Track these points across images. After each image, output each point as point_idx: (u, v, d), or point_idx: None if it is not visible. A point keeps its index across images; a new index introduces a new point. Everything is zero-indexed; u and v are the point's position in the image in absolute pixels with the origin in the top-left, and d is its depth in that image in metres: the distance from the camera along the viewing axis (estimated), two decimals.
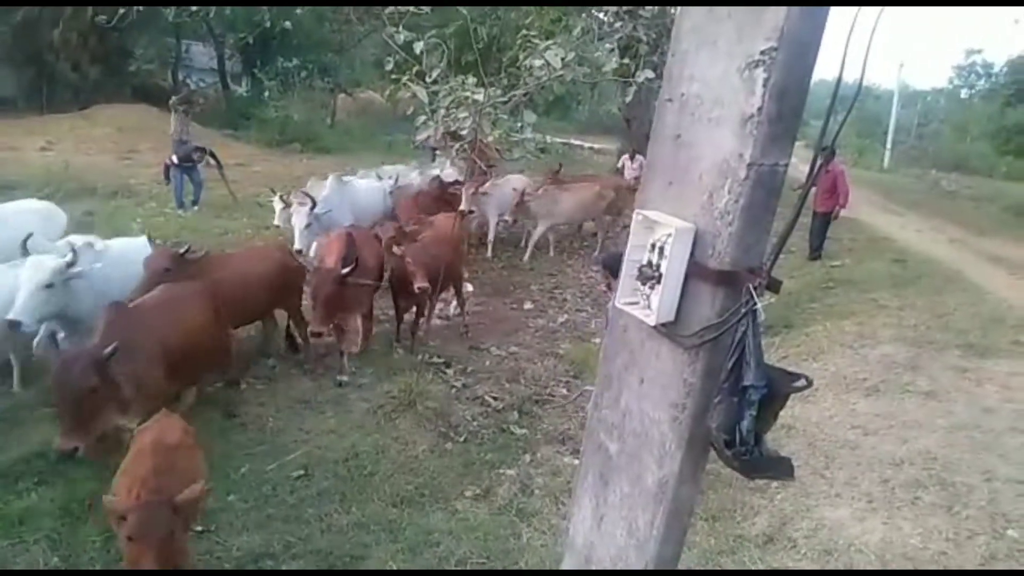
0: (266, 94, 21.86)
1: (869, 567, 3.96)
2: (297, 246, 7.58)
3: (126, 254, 5.75)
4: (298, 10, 10.97)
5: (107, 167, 14.23)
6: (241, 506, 4.46)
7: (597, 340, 6.84)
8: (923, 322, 7.59)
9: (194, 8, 10.32)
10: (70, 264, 4.77)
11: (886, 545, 4.10)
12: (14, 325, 4.51)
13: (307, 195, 8.00)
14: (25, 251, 5.29)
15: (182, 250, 5.67)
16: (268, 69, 22.52)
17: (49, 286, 4.65)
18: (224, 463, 4.78)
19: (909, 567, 3.95)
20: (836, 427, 5.55)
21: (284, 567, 3.96)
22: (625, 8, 10.08)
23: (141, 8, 9.93)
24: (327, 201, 8.34)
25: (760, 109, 1.40)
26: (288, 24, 11.64)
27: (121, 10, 9.99)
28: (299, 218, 7.85)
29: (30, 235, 5.45)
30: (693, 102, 1.54)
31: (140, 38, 21.68)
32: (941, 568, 3.92)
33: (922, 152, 31.79)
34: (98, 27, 15.30)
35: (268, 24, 11.29)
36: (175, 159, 11.87)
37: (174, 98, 13.84)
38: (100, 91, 19.87)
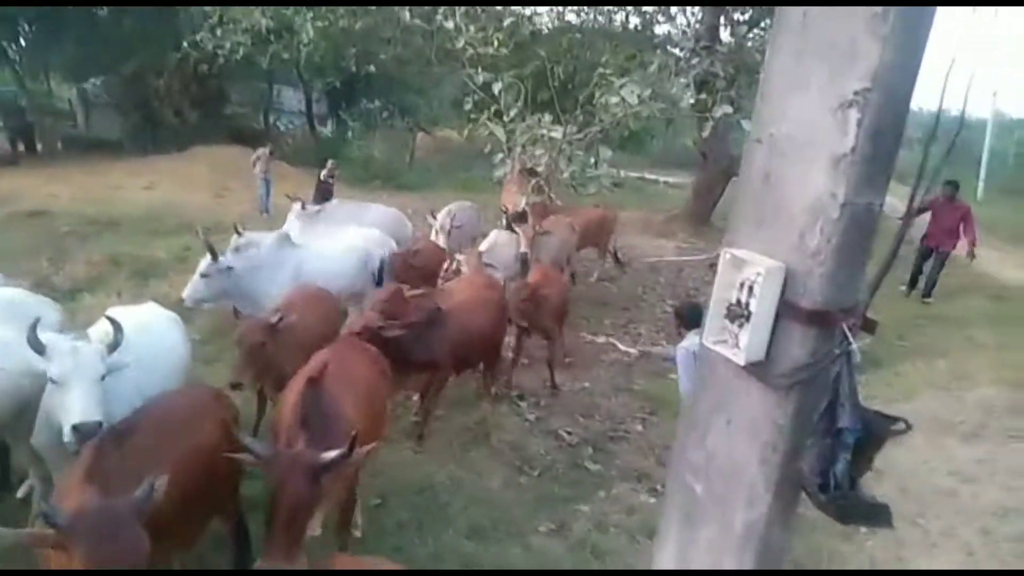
0: (350, 134, 22.79)
1: None
2: (184, 294, 6.19)
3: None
4: (381, 55, 11.45)
5: (203, 204, 15.10)
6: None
7: (673, 376, 6.73)
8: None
9: (286, 56, 10.99)
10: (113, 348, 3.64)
11: None
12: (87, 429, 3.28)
13: (208, 246, 6.15)
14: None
15: (275, 319, 4.82)
16: (352, 110, 23.52)
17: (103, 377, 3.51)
18: None
19: None
20: (930, 473, 5.25)
21: None
22: (701, 44, 10.09)
23: (238, 57, 10.66)
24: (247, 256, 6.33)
25: (854, 149, 1.40)
26: (372, 68, 12.21)
27: (220, 58, 10.73)
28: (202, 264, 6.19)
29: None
30: (783, 142, 1.54)
31: (235, 84, 23.07)
32: None
33: (1019, 182, 30.04)
34: (199, 74, 16.49)
35: (353, 68, 11.89)
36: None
37: (259, 151, 15.03)
38: (198, 133, 21.17)
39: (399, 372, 5.25)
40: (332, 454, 3.07)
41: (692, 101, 8.31)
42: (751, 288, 1.57)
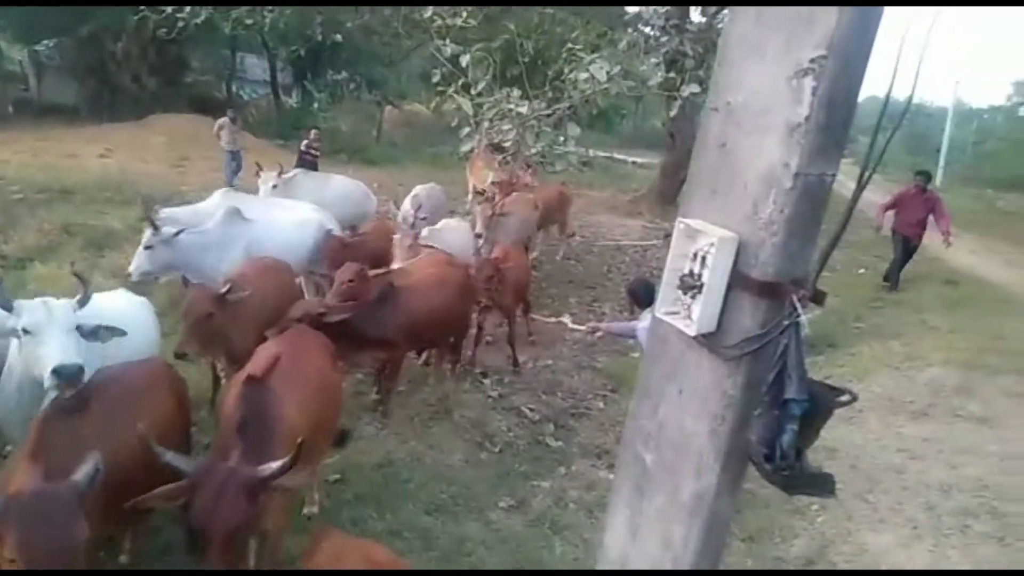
0: (315, 105, 22.37)
1: None
2: (131, 267, 6.01)
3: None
4: (348, 24, 11.19)
5: (160, 174, 14.69)
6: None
7: (636, 355, 6.77)
8: (975, 345, 7.34)
9: (249, 21, 10.67)
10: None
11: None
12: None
13: (148, 216, 6.01)
14: None
15: (223, 290, 4.75)
16: (318, 81, 23.09)
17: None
18: None
19: None
20: (881, 450, 5.40)
21: None
22: (671, 22, 10.06)
23: (199, 21, 10.32)
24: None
25: (808, 118, 1.38)
26: (338, 37, 11.92)
27: (180, 23, 10.38)
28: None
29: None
30: (739, 111, 1.52)
31: (197, 50, 22.44)
32: None
33: (977, 171, 30.85)
34: (158, 40, 15.95)
35: (319, 37, 11.60)
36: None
37: (221, 120, 14.32)
38: (158, 101, 20.58)
39: (352, 350, 5.20)
40: (271, 468, 2.70)
41: (661, 80, 8.28)
42: (704, 259, 1.56)
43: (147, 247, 5.91)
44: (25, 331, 3.25)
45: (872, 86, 1.64)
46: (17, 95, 22.46)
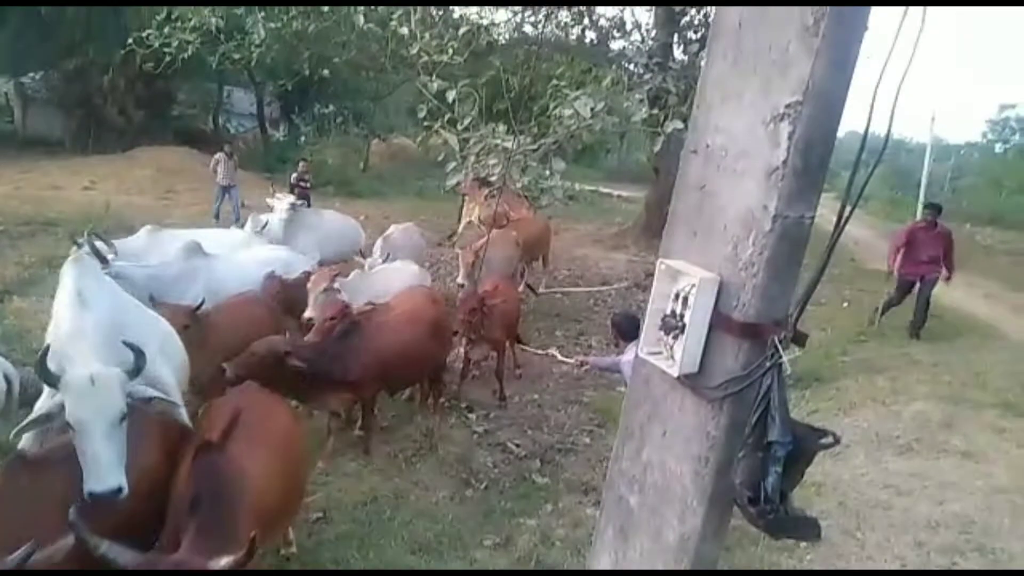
0: (302, 139, 22.48)
1: None
2: None
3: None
4: (335, 59, 11.30)
5: (146, 206, 14.65)
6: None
7: (622, 389, 6.75)
8: (959, 379, 7.38)
9: (237, 56, 10.76)
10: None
11: None
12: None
13: (93, 248, 5.82)
14: None
15: (196, 305, 5.07)
16: (305, 115, 23.24)
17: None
18: None
19: None
20: (868, 486, 5.37)
21: None
22: (655, 60, 10.25)
23: (187, 55, 10.39)
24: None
25: (785, 162, 1.39)
26: (326, 72, 12.05)
27: (168, 57, 10.44)
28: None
29: None
30: (718, 153, 1.54)
31: (184, 84, 22.54)
32: None
33: (956, 206, 31.39)
34: (145, 73, 16.05)
35: (307, 72, 11.71)
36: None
37: (223, 149, 14.34)
38: (144, 134, 20.62)
39: (316, 392, 5.10)
40: (222, 562, 2.44)
41: (645, 116, 8.41)
42: (686, 299, 1.56)
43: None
44: (68, 424, 2.93)
45: (850, 121, 1.66)
46: (1, 127, 22.41)
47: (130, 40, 10.82)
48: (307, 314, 5.98)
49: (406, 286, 6.96)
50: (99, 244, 5.99)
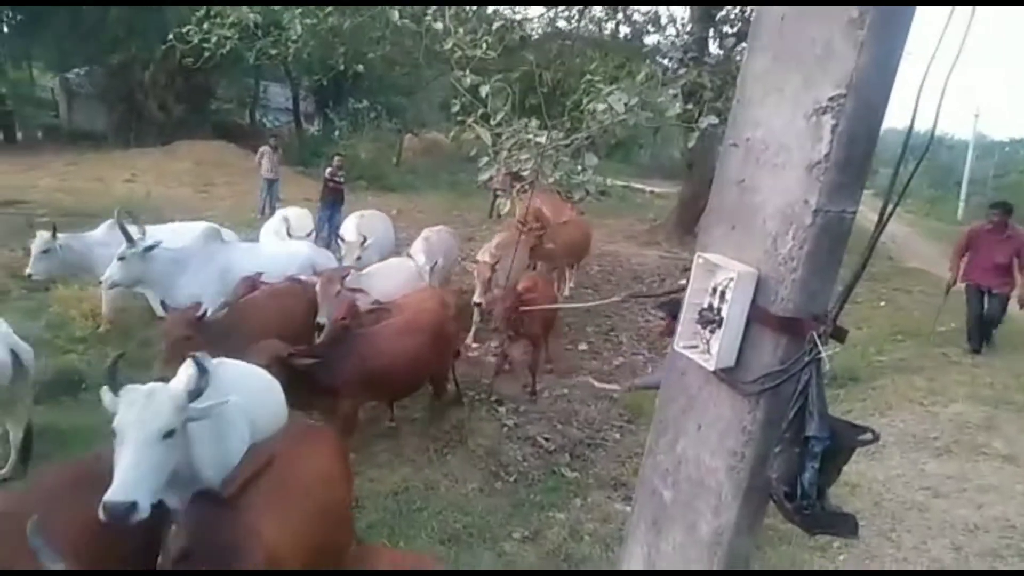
0: (336, 133, 22.73)
1: None
2: (103, 275, 6.11)
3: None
4: (370, 54, 11.39)
5: (184, 199, 14.98)
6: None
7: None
8: (999, 381, 7.20)
9: (273, 51, 10.90)
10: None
11: None
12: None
13: (122, 228, 6.06)
14: None
15: (199, 313, 4.92)
16: (339, 109, 23.49)
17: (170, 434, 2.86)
18: None
19: None
20: (904, 488, 5.28)
21: None
22: (689, 55, 10.14)
23: (225, 51, 10.56)
24: None
25: (827, 156, 1.39)
26: (360, 68, 12.13)
27: (207, 52, 10.63)
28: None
29: None
30: (758, 147, 1.53)
31: (222, 79, 22.95)
32: None
33: None
34: (184, 68, 16.36)
35: (341, 67, 11.82)
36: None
37: (268, 142, 14.48)
38: (183, 128, 21.05)
39: (302, 395, 4.75)
40: None
41: (679, 111, 8.32)
42: (723, 293, 1.56)
43: (120, 258, 5.98)
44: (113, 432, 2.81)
45: (892, 118, 1.64)
46: (47, 121, 23.06)
47: (170, 36, 11.02)
48: (320, 318, 5.82)
49: (405, 285, 6.82)
50: (131, 228, 6.18)
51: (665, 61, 11.10)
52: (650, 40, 13.00)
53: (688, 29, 12.71)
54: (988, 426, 6.12)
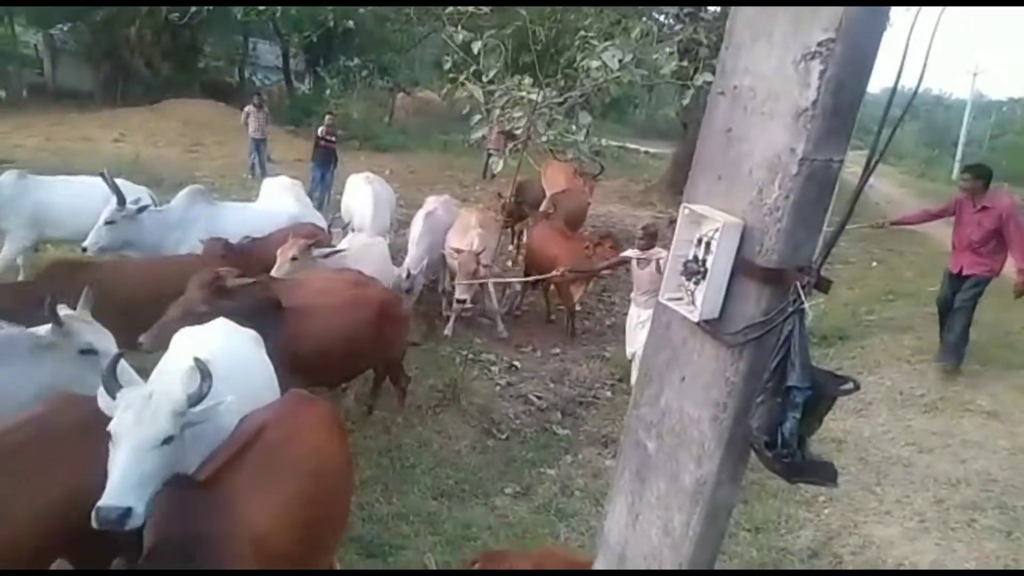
0: (327, 92, 22.36)
1: None
2: (86, 241, 5.88)
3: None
4: (361, 10, 11.16)
5: (174, 159, 14.78)
6: None
7: None
8: (987, 339, 7.26)
9: (261, 8, 10.66)
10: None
11: (938, 567, 3.95)
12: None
13: (115, 190, 5.92)
14: None
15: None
16: (330, 67, 23.05)
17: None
18: None
19: None
20: (889, 443, 5.37)
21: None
22: (685, 11, 9.97)
23: (212, 7, 10.33)
24: None
25: (815, 103, 1.36)
26: (351, 24, 11.89)
27: (193, 8, 10.39)
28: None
29: None
30: (746, 95, 1.51)
31: (209, 36, 22.46)
32: None
33: (994, 164, 30.40)
34: (171, 25, 16.00)
35: (331, 24, 11.58)
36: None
37: (252, 101, 14.16)
38: (171, 86, 20.67)
39: None
40: None
41: (674, 68, 8.21)
42: (708, 244, 1.55)
43: (109, 222, 5.85)
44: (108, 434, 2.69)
45: (888, 78, 1.61)
46: (31, 79, 22.59)
47: None
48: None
49: (375, 269, 6.04)
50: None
51: (661, 17, 10.91)
52: None
53: None
54: (974, 383, 6.20)
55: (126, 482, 2.55)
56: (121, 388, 2.76)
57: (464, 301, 6.95)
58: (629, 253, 6.17)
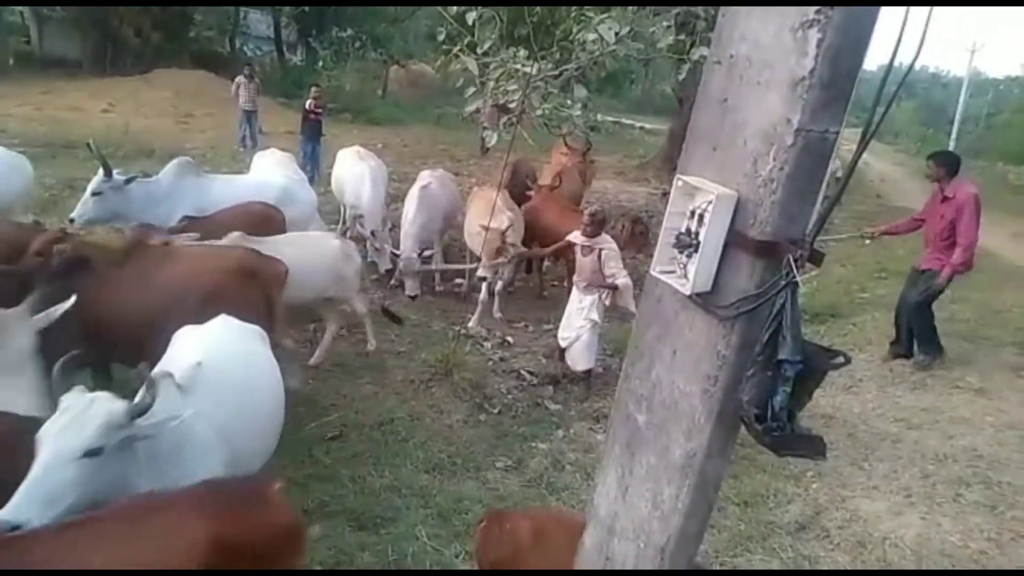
0: (320, 63, 22.08)
1: (904, 562, 3.87)
2: (74, 213, 5.84)
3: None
4: None
5: (165, 130, 14.61)
6: (278, 463, 4.56)
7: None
8: (977, 317, 7.31)
9: None
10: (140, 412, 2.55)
11: (923, 541, 4.00)
12: None
13: (102, 160, 5.84)
14: None
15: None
16: (323, 38, 22.73)
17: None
18: None
19: (946, 565, 3.85)
20: (878, 419, 5.41)
21: (318, 525, 4.04)
22: None
23: None
24: None
25: (812, 72, 1.34)
26: None
27: None
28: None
29: None
30: (742, 64, 1.48)
31: (200, 5, 22.07)
32: (981, 568, 3.81)
33: (989, 143, 30.39)
34: None
35: None
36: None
37: (243, 71, 13.93)
38: (161, 56, 20.37)
39: None
40: None
41: (671, 42, 8.12)
42: (701, 217, 1.53)
43: (96, 193, 5.76)
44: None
45: (883, 55, 1.59)
46: (18, 47, 22.20)
47: None
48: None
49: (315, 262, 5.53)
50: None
51: None
52: None
53: None
54: (964, 360, 6.24)
55: (31, 495, 2.28)
56: (67, 392, 2.53)
57: (486, 279, 7.02)
58: (573, 238, 5.99)
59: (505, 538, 2.76)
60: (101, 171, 5.77)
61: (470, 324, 7.08)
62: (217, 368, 3.08)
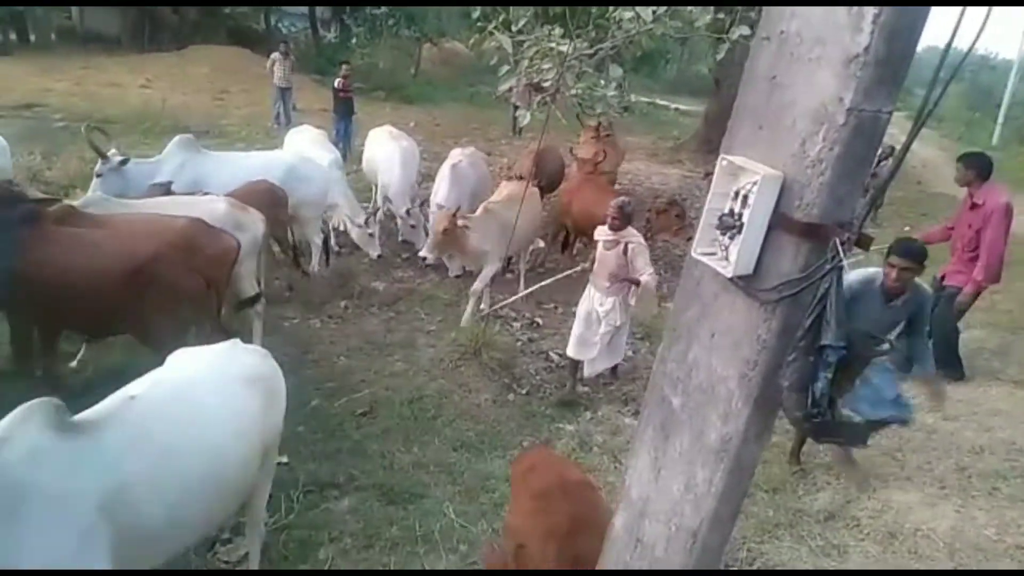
0: (354, 40, 22.06)
1: (936, 554, 3.80)
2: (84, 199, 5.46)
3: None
4: None
5: (201, 107, 14.76)
6: (310, 437, 4.64)
7: (668, 305, 6.69)
8: (1019, 307, 7.11)
9: None
10: None
11: (956, 534, 3.93)
12: None
13: (92, 144, 6.04)
14: None
15: None
16: (357, 15, 22.70)
17: None
18: (296, 396, 4.93)
19: (979, 559, 3.78)
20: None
21: (347, 498, 4.11)
22: None
23: None
24: None
25: (867, 49, 1.29)
26: None
27: None
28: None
29: None
30: (793, 40, 1.44)
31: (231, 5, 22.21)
32: (1018, 565, 3.74)
33: None
34: None
35: None
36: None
37: (274, 55, 13.92)
38: (197, 32, 20.56)
39: None
40: None
41: (709, 21, 7.95)
42: (745, 198, 1.50)
43: (97, 175, 5.98)
44: None
45: (933, 36, 1.53)
46: (60, 23, 22.56)
47: None
48: None
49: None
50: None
51: None
52: None
53: None
54: (1004, 352, 6.09)
55: None
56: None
57: (426, 259, 6.79)
58: (597, 233, 5.57)
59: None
60: (114, 150, 5.96)
61: (462, 322, 6.55)
62: (152, 409, 2.51)
